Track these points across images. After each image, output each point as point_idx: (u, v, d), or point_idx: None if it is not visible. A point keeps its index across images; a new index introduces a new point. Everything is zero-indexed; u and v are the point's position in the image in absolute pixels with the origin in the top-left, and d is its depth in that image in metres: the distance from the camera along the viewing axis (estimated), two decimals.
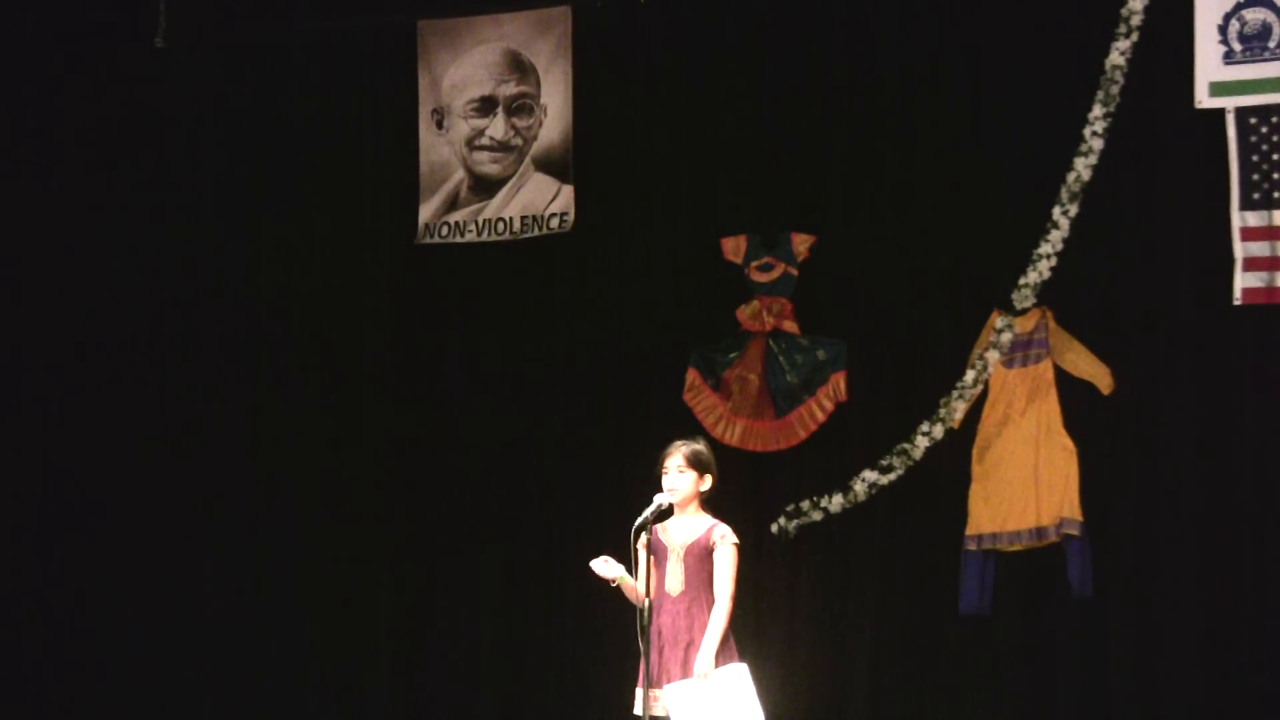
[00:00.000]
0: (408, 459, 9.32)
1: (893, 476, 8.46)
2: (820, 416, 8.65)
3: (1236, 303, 8.01)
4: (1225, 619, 7.98)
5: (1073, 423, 8.27)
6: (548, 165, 9.06)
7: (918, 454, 8.43)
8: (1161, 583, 8.09)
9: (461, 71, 9.19)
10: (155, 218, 9.64)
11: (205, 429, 9.60)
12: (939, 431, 8.41)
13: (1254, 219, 8.01)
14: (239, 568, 9.50)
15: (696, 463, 7.17)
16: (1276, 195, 7.98)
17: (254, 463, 9.55)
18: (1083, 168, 8.21)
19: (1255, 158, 8.00)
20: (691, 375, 8.81)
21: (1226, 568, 8.01)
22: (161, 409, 9.65)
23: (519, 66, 9.11)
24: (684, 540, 7.17)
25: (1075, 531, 8.18)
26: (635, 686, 6.97)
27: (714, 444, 7.78)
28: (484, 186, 9.18)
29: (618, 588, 7.11)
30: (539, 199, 9.07)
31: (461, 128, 9.20)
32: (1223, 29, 8.08)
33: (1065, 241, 8.25)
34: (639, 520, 6.97)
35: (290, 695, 9.43)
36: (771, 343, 8.72)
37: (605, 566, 7.05)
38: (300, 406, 9.48)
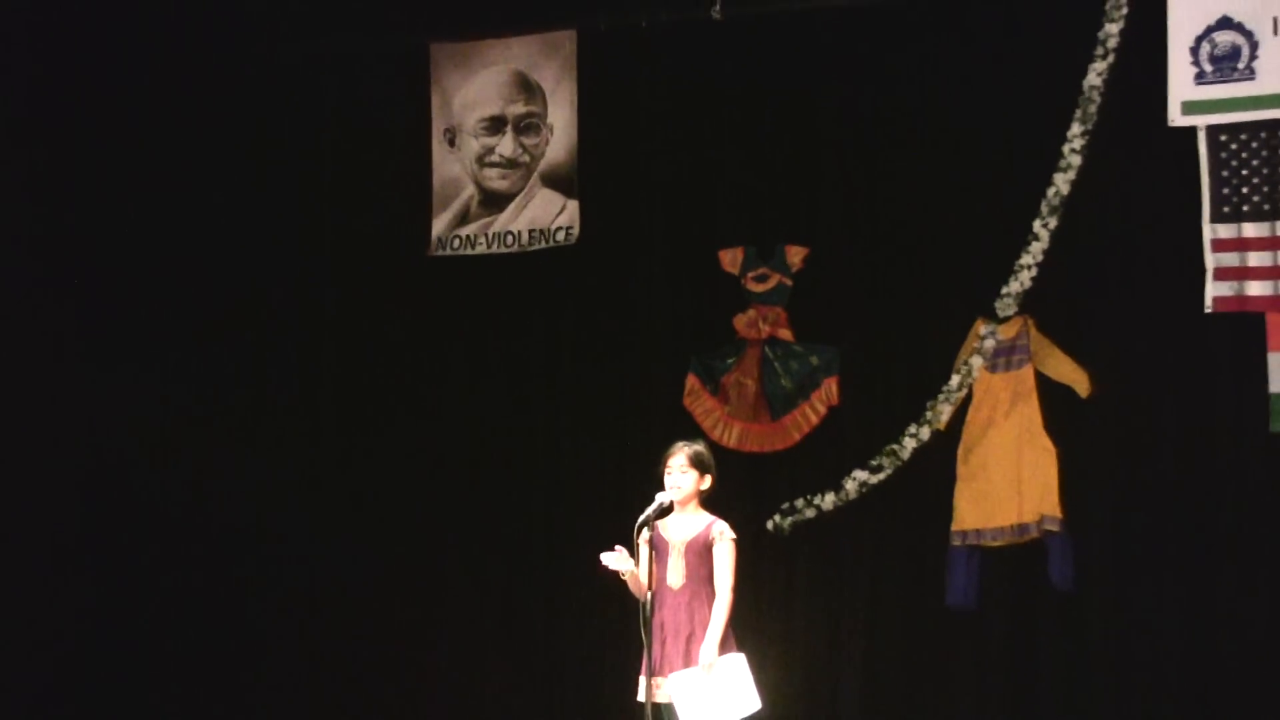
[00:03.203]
0: (422, 457, 9.33)
1: (882, 476, 8.48)
2: (814, 419, 8.68)
3: (1208, 310, 8.05)
4: (1199, 612, 8.04)
5: (1053, 425, 8.31)
6: (554, 181, 9.11)
7: (906, 454, 8.46)
8: (1138, 577, 8.14)
9: (472, 92, 9.24)
10: (182, 228, 9.65)
11: (220, 430, 9.59)
12: (926, 433, 8.44)
13: (1224, 231, 8.05)
14: (246, 570, 9.49)
15: (698, 463, 7.23)
16: (1245, 209, 8.02)
17: (267, 463, 9.55)
18: (1062, 183, 8.25)
19: (1225, 173, 8.05)
20: (691, 381, 8.85)
21: (1200, 562, 8.07)
22: (177, 414, 9.62)
23: (526, 87, 9.16)
24: (684, 536, 7.23)
25: (1056, 528, 8.21)
26: (639, 675, 6.98)
27: (713, 445, 7.82)
28: (493, 201, 9.23)
29: (623, 581, 7.14)
30: (545, 213, 9.11)
31: (472, 146, 9.25)
32: (1194, 51, 8.12)
33: (1045, 253, 8.29)
34: (642, 517, 7.01)
35: (295, 693, 9.43)
36: (767, 350, 8.76)
37: (616, 559, 7.08)
38: (316, 408, 9.53)
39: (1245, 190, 8.02)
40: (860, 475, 8.50)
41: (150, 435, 9.59)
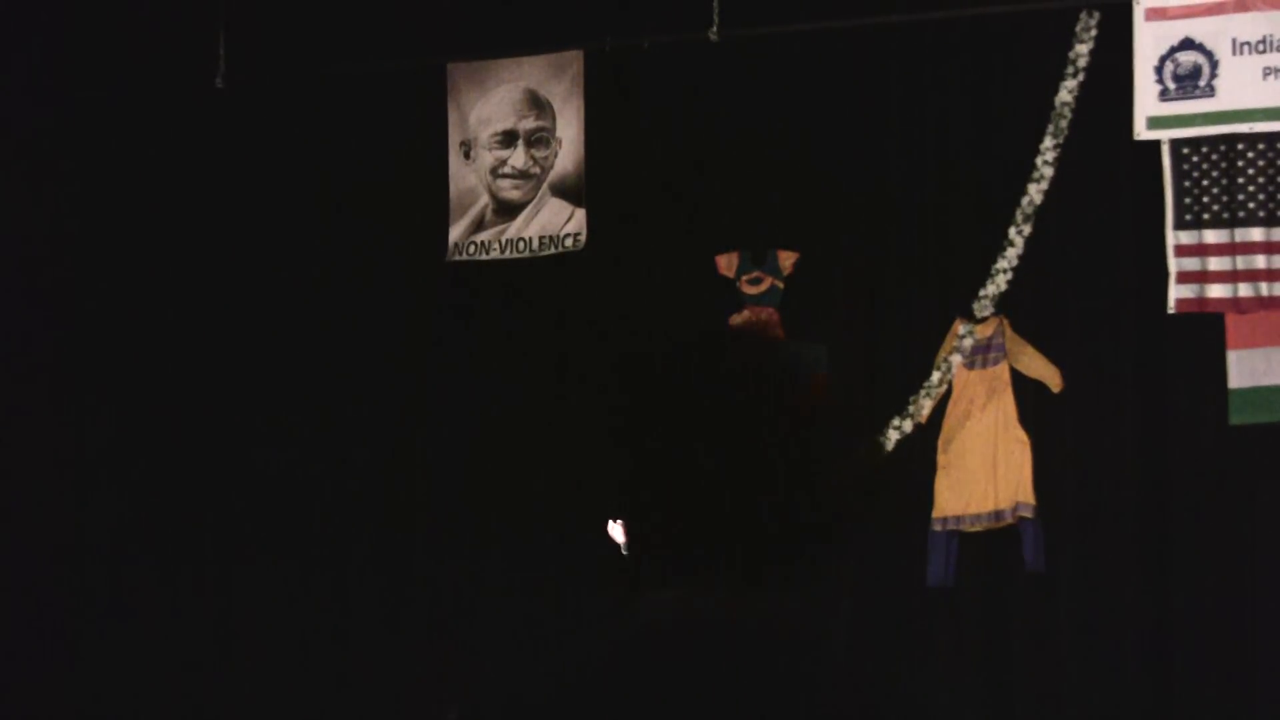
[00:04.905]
0: (437, 448, 9.30)
1: None
2: None
3: (1171, 311, 8.15)
4: (1159, 591, 8.18)
5: (1027, 418, 8.39)
6: (563, 191, 9.15)
7: (889, 446, 8.52)
8: (1105, 559, 8.25)
9: (486, 108, 9.26)
10: (214, 236, 9.61)
11: (239, 428, 9.52)
12: (908, 426, 8.53)
13: (1185, 237, 8.15)
14: (254, 567, 9.42)
15: None
16: (1206, 216, 8.13)
17: (284, 459, 9.44)
18: (1035, 192, 8.34)
19: (1187, 183, 8.16)
20: None
21: (1160, 546, 8.20)
22: (196, 413, 9.55)
23: (537, 104, 9.19)
24: None
25: (1029, 514, 8.31)
26: None
27: None
28: (506, 210, 9.25)
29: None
30: (555, 221, 9.14)
31: (486, 158, 9.27)
32: (1159, 70, 8.22)
33: (1020, 257, 8.37)
34: None
35: (299, 688, 9.31)
36: None
37: (619, 531, 7.18)
38: (333, 402, 9.48)
39: (1206, 200, 8.13)
40: None
41: (169, 432, 9.52)
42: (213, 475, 9.52)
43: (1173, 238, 8.15)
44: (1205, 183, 8.14)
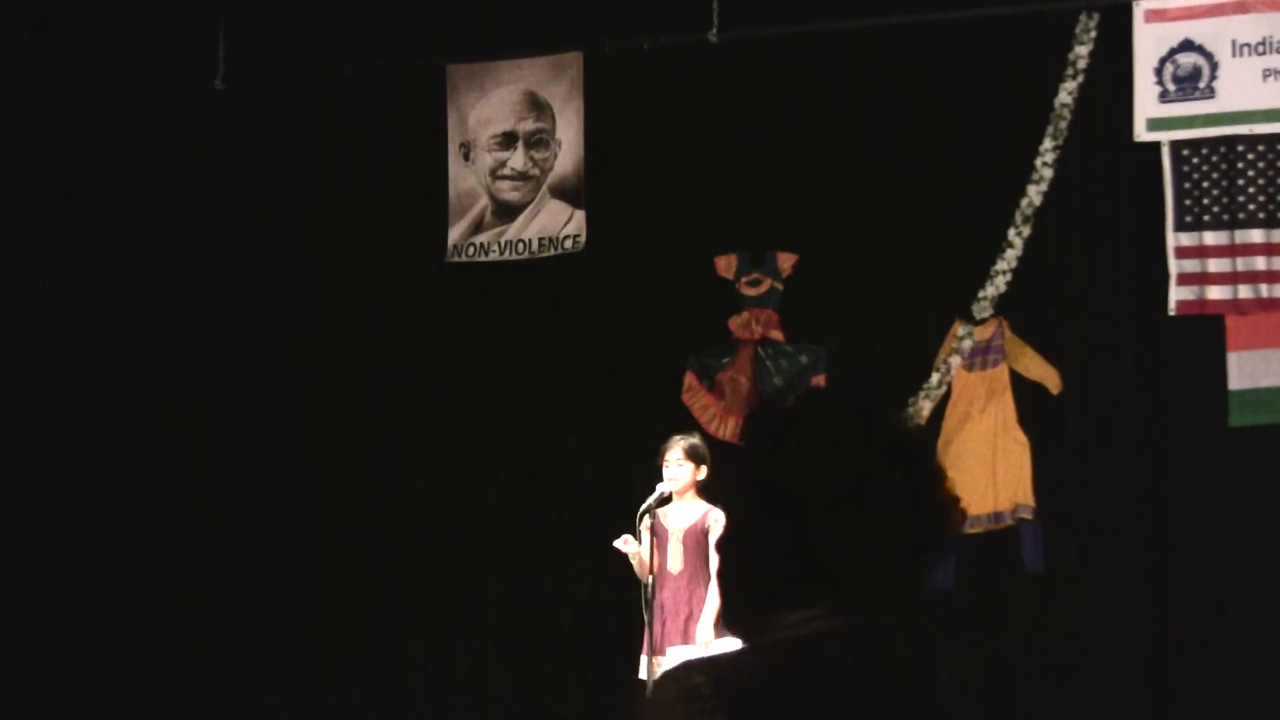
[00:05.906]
0: (439, 447, 9.35)
1: None
2: None
3: (1171, 313, 8.18)
4: (1158, 591, 8.19)
5: (1026, 419, 8.42)
6: (562, 193, 9.19)
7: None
8: (1104, 561, 8.27)
9: (486, 110, 9.31)
10: (217, 237, 9.63)
11: (241, 432, 9.57)
12: None
13: (1186, 239, 8.18)
14: (261, 570, 9.43)
15: (694, 455, 7.38)
16: (1206, 218, 8.17)
17: (289, 463, 9.49)
18: (1035, 194, 8.37)
19: (1187, 185, 8.19)
20: (689, 378, 8.93)
21: (1159, 547, 8.21)
22: (200, 415, 9.58)
23: (537, 105, 9.24)
24: (683, 524, 7.39)
25: (1028, 516, 8.33)
26: (640, 653, 7.20)
27: (709, 439, 7.95)
28: (505, 212, 9.30)
29: (629, 564, 7.33)
30: (554, 222, 9.18)
31: (486, 160, 9.32)
32: (1159, 71, 8.25)
33: (1019, 259, 8.41)
34: (643, 506, 7.23)
35: (301, 694, 9.32)
36: (760, 349, 8.85)
37: (627, 545, 7.25)
38: (336, 405, 9.52)
39: (1205, 201, 8.16)
40: None
41: (166, 431, 9.51)
42: (211, 475, 9.53)
43: (1173, 239, 8.18)
44: (1205, 184, 8.17)
